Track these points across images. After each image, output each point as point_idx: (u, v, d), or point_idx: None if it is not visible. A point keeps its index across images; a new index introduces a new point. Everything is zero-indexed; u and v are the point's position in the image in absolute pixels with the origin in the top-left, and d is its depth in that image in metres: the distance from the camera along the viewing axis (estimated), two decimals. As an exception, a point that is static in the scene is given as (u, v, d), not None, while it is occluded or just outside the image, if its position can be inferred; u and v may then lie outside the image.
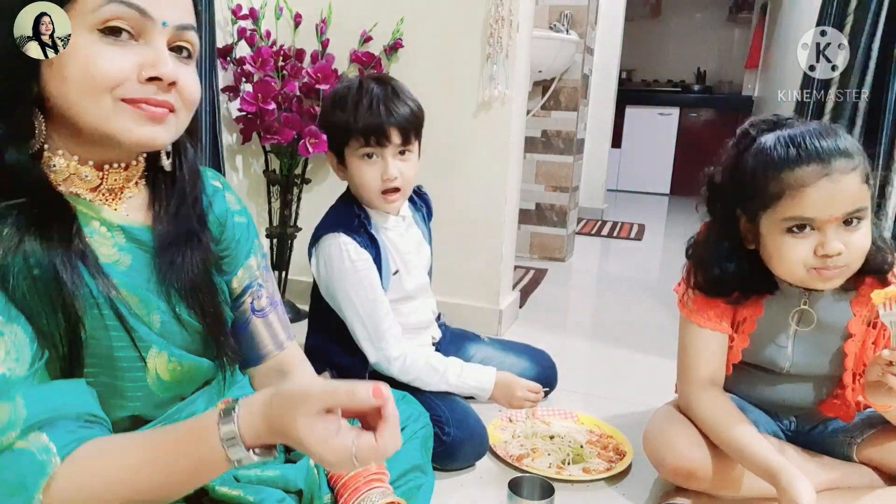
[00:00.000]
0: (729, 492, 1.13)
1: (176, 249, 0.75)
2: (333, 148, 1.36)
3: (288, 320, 0.94)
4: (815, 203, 0.98)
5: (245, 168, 2.16)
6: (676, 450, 1.12)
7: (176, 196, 0.77)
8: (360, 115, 1.28)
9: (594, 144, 4.24)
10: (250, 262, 0.87)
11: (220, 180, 0.87)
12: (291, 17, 2.01)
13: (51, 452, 0.59)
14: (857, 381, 1.12)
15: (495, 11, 1.87)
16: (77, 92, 0.64)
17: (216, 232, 0.83)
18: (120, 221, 0.73)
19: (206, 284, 0.78)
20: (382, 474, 0.85)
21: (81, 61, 0.63)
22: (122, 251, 0.72)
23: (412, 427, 1.04)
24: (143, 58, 0.65)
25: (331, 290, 1.33)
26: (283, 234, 2.11)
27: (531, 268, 2.99)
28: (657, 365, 1.85)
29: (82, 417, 0.64)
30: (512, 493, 1.01)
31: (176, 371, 0.76)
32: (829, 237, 0.99)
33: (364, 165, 1.31)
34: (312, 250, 1.36)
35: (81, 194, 0.70)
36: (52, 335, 0.64)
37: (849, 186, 0.97)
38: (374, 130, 1.28)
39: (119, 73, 0.64)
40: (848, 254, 1.00)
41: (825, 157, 0.97)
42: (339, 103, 1.30)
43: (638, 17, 6.08)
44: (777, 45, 4.25)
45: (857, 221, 1.00)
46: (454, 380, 1.33)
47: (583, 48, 3.00)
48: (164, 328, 0.74)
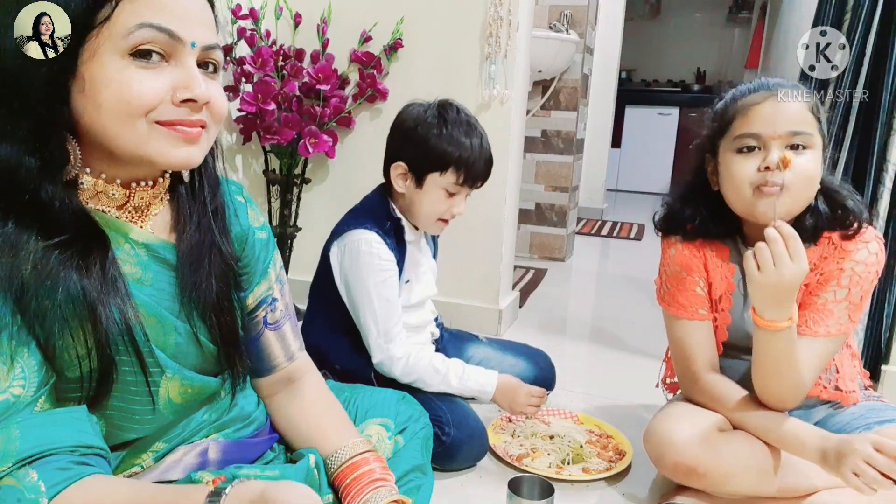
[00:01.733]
0: (729, 490, 1.13)
1: (199, 265, 0.75)
2: (415, 166, 1.31)
3: (300, 332, 0.95)
4: (761, 118, 1.07)
5: (245, 168, 2.16)
6: (676, 446, 1.12)
7: (198, 208, 0.77)
8: (472, 156, 1.29)
9: (594, 144, 4.24)
10: (269, 276, 0.87)
11: (243, 195, 0.87)
12: (291, 17, 2.01)
13: (39, 492, 0.59)
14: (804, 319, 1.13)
15: (495, 11, 1.88)
16: (112, 117, 0.64)
17: (238, 250, 0.83)
18: (144, 239, 0.73)
19: (227, 303, 0.79)
20: (388, 475, 0.85)
21: (115, 87, 0.63)
22: (145, 269, 0.72)
23: (412, 427, 1.04)
24: (175, 79, 0.65)
25: (349, 283, 1.33)
26: (282, 233, 2.11)
27: (531, 267, 2.99)
28: (657, 365, 1.84)
29: (78, 451, 0.64)
30: (511, 492, 1.01)
31: (187, 393, 0.76)
32: (771, 152, 1.06)
33: (443, 197, 1.32)
34: (336, 240, 1.35)
35: (108, 212, 0.71)
36: (75, 361, 0.65)
37: (793, 107, 1.06)
38: (476, 174, 1.32)
39: (154, 97, 0.64)
40: (789, 176, 1.05)
41: (774, 86, 1.09)
42: (449, 132, 1.29)
43: (638, 16, 6.09)
44: (777, 45, 4.25)
45: (803, 148, 1.06)
46: (456, 382, 1.33)
47: (582, 48, 3.00)
48: (178, 349, 0.74)
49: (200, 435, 0.81)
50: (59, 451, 0.62)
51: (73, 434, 0.64)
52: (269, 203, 2.11)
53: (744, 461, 1.10)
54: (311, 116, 1.97)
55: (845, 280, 1.09)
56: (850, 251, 1.09)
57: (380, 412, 1.02)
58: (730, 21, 6.17)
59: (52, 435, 0.63)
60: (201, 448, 0.80)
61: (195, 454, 0.79)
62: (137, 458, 0.76)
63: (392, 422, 1.01)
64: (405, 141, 1.32)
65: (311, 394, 0.93)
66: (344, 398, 1.02)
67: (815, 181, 1.08)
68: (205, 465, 0.80)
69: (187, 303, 0.75)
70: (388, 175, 1.35)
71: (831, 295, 1.10)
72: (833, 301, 1.10)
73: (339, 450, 0.85)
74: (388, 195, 1.38)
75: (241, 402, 0.87)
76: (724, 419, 1.17)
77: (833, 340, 1.11)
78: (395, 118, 1.36)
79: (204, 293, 0.75)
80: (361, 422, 1.00)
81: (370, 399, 1.05)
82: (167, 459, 0.78)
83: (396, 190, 1.34)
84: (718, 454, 1.10)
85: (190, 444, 0.80)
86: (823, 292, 1.11)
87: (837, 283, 1.10)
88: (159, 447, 0.78)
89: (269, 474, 0.78)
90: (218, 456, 0.81)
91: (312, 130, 1.94)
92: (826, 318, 1.10)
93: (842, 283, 1.09)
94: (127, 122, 0.64)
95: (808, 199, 1.09)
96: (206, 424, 0.82)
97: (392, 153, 1.35)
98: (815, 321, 1.11)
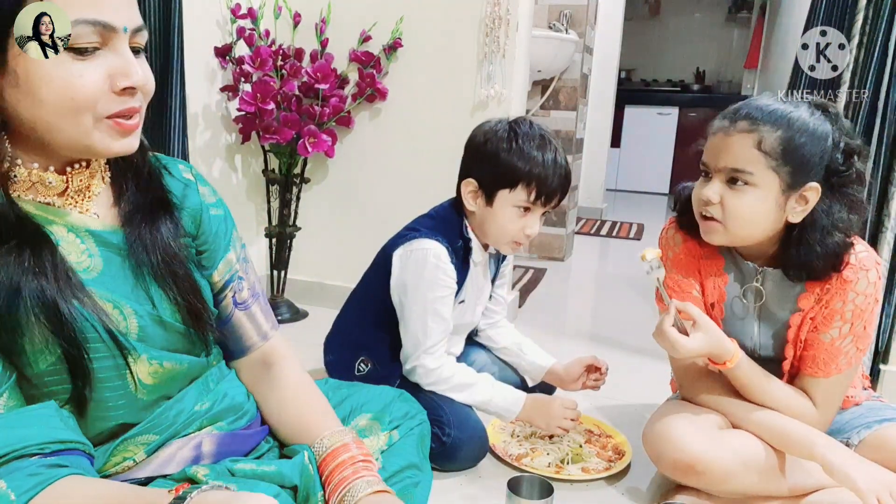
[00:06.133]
0: (729, 489, 1.13)
1: (143, 221, 0.75)
2: (486, 182, 1.27)
3: (271, 311, 0.94)
4: (711, 148, 1.08)
5: (244, 168, 2.16)
6: (675, 443, 1.12)
7: (133, 173, 0.77)
8: (543, 170, 1.23)
9: (593, 144, 4.24)
10: (229, 255, 0.87)
11: (191, 172, 0.86)
12: (290, 17, 2.01)
13: (9, 501, 0.58)
14: (796, 356, 1.15)
15: (494, 11, 1.87)
16: (55, 113, 0.63)
17: (191, 227, 0.82)
18: (88, 226, 0.72)
19: (187, 279, 0.78)
20: (370, 465, 0.83)
21: (59, 83, 0.62)
22: (92, 257, 0.72)
23: (408, 424, 1.04)
24: (111, 66, 0.65)
25: (407, 288, 1.30)
26: (282, 233, 2.11)
27: (530, 267, 2.99)
28: (656, 364, 1.84)
29: (49, 448, 0.63)
30: (511, 492, 1.01)
31: (158, 373, 0.75)
32: (708, 186, 1.08)
33: (516, 215, 1.26)
34: (405, 243, 1.31)
35: (49, 202, 0.70)
36: (45, 356, 0.65)
37: (735, 145, 1.04)
38: (549, 191, 1.25)
39: (96, 90, 0.64)
40: (721, 211, 1.07)
41: (730, 115, 1.07)
42: (520, 146, 1.24)
43: (637, 16, 6.09)
44: (776, 44, 4.25)
45: (743, 185, 1.05)
46: (481, 398, 1.30)
47: (582, 48, 3.00)
48: (142, 332, 0.74)
49: (193, 427, 0.80)
50: (28, 449, 0.62)
51: (43, 430, 0.63)
52: (269, 202, 2.10)
53: (744, 459, 1.10)
54: (310, 116, 1.97)
55: (848, 314, 1.08)
56: (850, 280, 1.07)
57: (374, 407, 1.02)
58: (729, 21, 6.17)
59: (19, 434, 0.62)
60: (196, 441, 0.80)
61: (190, 448, 0.79)
62: (127, 451, 0.75)
63: (386, 416, 1.01)
64: (475, 157, 1.29)
65: (290, 382, 0.91)
66: (341, 395, 1.02)
67: (752, 221, 1.07)
68: (199, 458, 0.79)
69: (142, 283, 0.74)
70: (460, 192, 1.31)
71: (836, 332, 1.09)
72: (839, 338, 1.09)
73: (322, 438, 0.84)
74: (461, 212, 1.34)
75: (231, 391, 0.86)
76: (723, 418, 1.17)
77: (846, 375, 1.12)
78: (469, 135, 1.33)
79: (151, 244, 0.75)
80: (355, 416, 0.99)
81: (365, 395, 1.04)
82: (161, 454, 0.77)
83: (468, 208, 1.31)
84: (717, 452, 1.10)
85: (184, 438, 0.79)
86: (829, 329, 1.10)
87: (841, 317, 1.08)
88: (150, 439, 0.76)
89: (266, 469, 0.78)
90: (213, 449, 0.80)
91: (312, 130, 1.93)
92: (835, 357, 1.10)
93: (845, 318, 1.08)
94: (71, 118, 0.64)
95: (748, 237, 1.09)
96: (199, 416, 0.81)
97: (463, 170, 1.32)
98: (826, 362, 1.11)
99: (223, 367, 0.89)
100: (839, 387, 1.13)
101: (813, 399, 1.13)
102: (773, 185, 1.04)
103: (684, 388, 1.24)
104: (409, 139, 2.08)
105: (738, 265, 1.18)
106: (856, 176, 1.05)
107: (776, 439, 1.10)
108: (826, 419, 1.13)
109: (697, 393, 1.20)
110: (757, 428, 1.12)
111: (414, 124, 2.07)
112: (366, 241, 1.40)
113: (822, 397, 1.12)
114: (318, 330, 1.47)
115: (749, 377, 1.13)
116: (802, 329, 1.13)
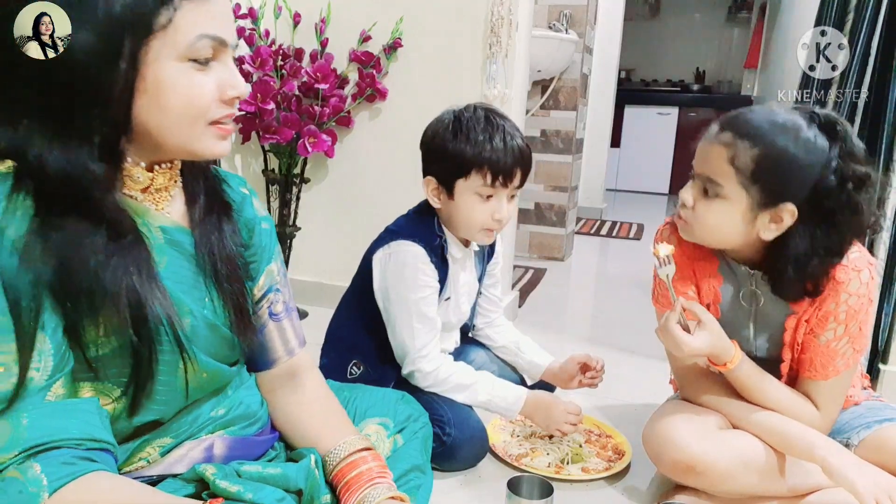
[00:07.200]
0: (729, 489, 1.13)
1: (212, 226, 0.79)
2: (442, 177, 1.27)
3: (301, 329, 0.95)
4: (696, 154, 1.11)
5: (244, 167, 2.16)
6: (676, 444, 1.12)
7: (203, 179, 0.81)
8: (493, 152, 1.21)
9: (593, 144, 4.24)
10: (272, 267, 0.89)
11: (247, 187, 0.89)
12: (290, 17, 2.01)
13: (40, 485, 0.60)
14: (794, 358, 1.16)
15: (494, 11, 1.87)
16: (176, 119, 0.68)
17: (245, 237, 0.85)
18: (161, 223, 0.75)
19: (239, 286, 0.81)
20: (386, 473, 0.85)
21: (182, 91, 0.67)
22: (160, 252, 0.74)
23: (411, 427, 1.04)
24: (220, 77, 0.70)
25: (390, 292, 1.30)
26: (282, 233, 2.11)
27: (530, 267, 2.99)
28: (656, 364, 1.84)
29: (84, 444, 0.65)
30: (511, 492, 1.01)
31: (202, 378, 0.78)
32: (686, 188, 1.11)
33: (479, 203, 1.25)
34: (383, 246, 1.31)
35: (134, 196, 0.73)
36: (110, 340, 0.68)
37: (712, 154, 1.06)
38: (504, 171, 1.22)
39: (211, 98, 0.70)
40: (691, 215, 1.09)
41: (722, 122, 1.08)
42: (464, 133, 1.23)
43: (637, 16, 6.09)
44: (776, 44, 4.25)
45: (715, 196, 1.06)
46: (483, 397, 1.30)
47: (582, 48, 3.00)
48: (192, 332, 0.76)
49: (206, 431, 0.82)
50: (66, 442, 0.63)
51: (82, 426, 0.65)
52: (269, 203, 2.10)
53: (744, 460, 1.10)
54: (310, 116, 1.97)
55: (842, 315, 1.08)
56: (842, 282, 1.06)
57: (378, 412, 1.02)
58: (729, 21, 6.17)
59: (60, 426, 0.64)
60: (207, 443, 0.81)
61: (201, 449, 0.80)
62: (144, 451, 0.77)
63: (391, 421, 1.01)
64: (428, 153, 1.30)
65: (310, 390, 0.93)
66: (343, 398, 1.02)
67: (717, 230, 1.08)
68: (210, 459, 0.80)
69: (201, 285, 0.77)
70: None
71: (831, 334, 1.09)
72: (835, 340, 1.09)
73: (337, 447, 0.86)
74: (433, 211, 1.33)
75: (246, 399, 0.87)
76: (722, 418, 1.17)
77: (844, 375, 1.12)
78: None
79: (218, 274, 0.78)
80: (360, 421, 1.00)
81: (369, 398, 1.05)
82: (173, 454, 0.78)
83: (433, 205, 1.30)
84: (717, 452, 1.10)
85: (196, 440, 0.80)
86: (824, 332, 1.09)
87: (836, 319, 1.08)
88: (166, 442, 0.78)
89: (272, 471, 0.79)
90: (223, 452, 0.82)
91: (311, 130, 1.93)
92: (832, 359, 1.10)
93: (839, 319, 1.08)
94: (188, 122, 0.69)
95: (715, 243, 1.12)
96: (213, 421, 0.82)
97: (424, 169, 1.32)
98: (823, 364, 1.11)
99: (243, 374, 0.90)
100: (839, 388, 1.13)
101: (814, 402, 1.13)
102: (741, 201, 1.03)
103: (684, 388, 1.24)
104: (409, 139, 2.06)
105: (731, 268, 1.18)
106: (847, 202, 0.99)
107: (776, 440, 1.10)
108: (828, 421, 1.13)
109: (698, 393, 1.20)
110: (757, 428, 1.12)
111: (414, 124, 2.05)
112: (366, 241, 1.40)
113: (824, 400, 1.12)
114: (317, 330, 1.46)
115: (749, 379, 1.13)
116: (798, 331, 1.13)
